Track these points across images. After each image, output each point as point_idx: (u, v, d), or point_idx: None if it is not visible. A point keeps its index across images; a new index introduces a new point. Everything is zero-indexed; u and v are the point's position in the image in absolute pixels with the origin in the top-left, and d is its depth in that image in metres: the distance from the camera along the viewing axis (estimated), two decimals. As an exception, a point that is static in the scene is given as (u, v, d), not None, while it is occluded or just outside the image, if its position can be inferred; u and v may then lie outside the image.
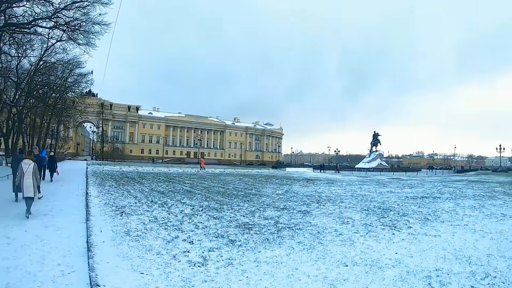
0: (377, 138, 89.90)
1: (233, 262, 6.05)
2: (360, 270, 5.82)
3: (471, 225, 10.10)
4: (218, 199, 14.80)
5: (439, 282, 5.32)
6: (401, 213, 12.00)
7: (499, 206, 14.40)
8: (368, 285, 5.18)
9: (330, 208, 12.83)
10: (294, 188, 21.93)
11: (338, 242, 7.74)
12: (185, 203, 13.12)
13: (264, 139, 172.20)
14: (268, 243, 7.45)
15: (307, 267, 5.90)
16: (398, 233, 8.86)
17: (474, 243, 7.87)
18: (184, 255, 6.39)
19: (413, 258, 6.64)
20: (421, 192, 20.52)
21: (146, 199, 13.99)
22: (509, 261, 6.56)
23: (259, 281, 5.16)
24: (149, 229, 8.49)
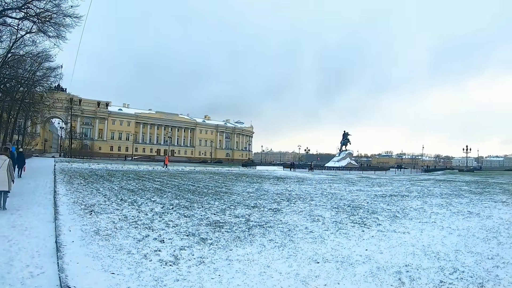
0: (347, 138, 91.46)
1: (205, 260, 6.03)
2: (331, 267, 5.92)
3: (439, 222, 10.43)
4: (188, 197, 14.72)
5: (409, 277, 5.48)
6: (371, 211, 12.26)
7: (465, 204, 14.87)
8: (339, 281, 5.28)
9: (300, 206, 12.97)
10: (264, 186, 22.05)
11: (309, 240, 7.84)
12: (155, 202, 12.99)
13: (234, 137, 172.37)
14: (239, 241, 7.47)
15: (279, 265, 5.95)
16: (368, 230, 9.06)
17: (442, 240, 8.14)
18: (155, 254, 6.32)
19: (383, 254, 6.81)
20: (390, 191, 21.03)
21: (115, 197, 13.76)
22: (476, 256, 6.82)
23: (231, 279, 5.17)
24: (119, 228, 8.35)
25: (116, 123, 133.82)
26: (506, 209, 13.50)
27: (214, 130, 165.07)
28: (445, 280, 5.39)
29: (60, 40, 29.23)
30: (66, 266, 5.44)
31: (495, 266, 6.19)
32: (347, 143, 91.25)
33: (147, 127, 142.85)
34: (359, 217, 10.91)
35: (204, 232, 8.21)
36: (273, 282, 5.13)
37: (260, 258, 6.31)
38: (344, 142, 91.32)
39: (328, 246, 7.35)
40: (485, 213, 12.25)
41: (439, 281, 5.35)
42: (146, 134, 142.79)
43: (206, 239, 7.54)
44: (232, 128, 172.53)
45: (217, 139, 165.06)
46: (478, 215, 11.91)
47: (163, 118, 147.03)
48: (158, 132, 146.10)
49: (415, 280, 5.39)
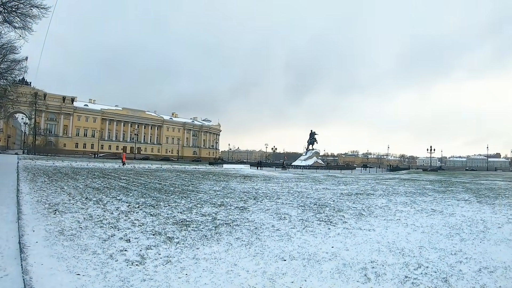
0: (314, 137, 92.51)
1: (172, 259, 6.00)
2: (298, 264, 6.00)
3: (403, 219, 10.72)
4: (155, 195, 14.54)
5: (374, 273, 5.62)
6: (337, 209, 12.46)
7: (429, 202, 15.34)
8: (306, 278, 5.36)
9: (267, 204, 13.04)
10: (231, 184, 22.04)
11: (275, 238, 7.90)
12: (121, 200, 12.77)
13: (201, 135, 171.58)
14: (206, 240, 7.45)
15: (246, 263, 5.98)
16: (334, 228, 9.19)
17: (407, 236, 8.38)
18: (121, 254, 6.22)
19: (349, 251, 6.94)
20: (356, 189, 21.42)
21: (80, 196, 13.42)
22: (439, 252, 7.06)
23: (198, 278, 5.16)
24: (84, 227, 8.17)
25: (82, 119, 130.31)
26: (469, 207, 13.99)
27: (182, 128, 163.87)
28: (410, 276, 5.56)
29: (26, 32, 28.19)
30: (30, 267, 5.29)
31: (458, 262, 6.42)
32: (314, 142, 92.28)
33: (113, 123, 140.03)
34: (325, 215, 11.05)
35: (171, 231, 8.15)
36: (240, 280, 5.15)
37: (227, 256, 6.32)
38: (311, 141, 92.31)
39: (295, 243, 7.42)
40: (448, 211, 12.67)
41: (404, 277, 5.51)
42: (112, 131, 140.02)
43: (173, 238, 7.49)
44: (199, 126, 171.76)
45: (184, 137, 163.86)
46: (441, 212, 12.30)
47: (130, 115, 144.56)
48: (125, 129, 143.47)
49: (380, 276, 5.53)
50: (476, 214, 12.05)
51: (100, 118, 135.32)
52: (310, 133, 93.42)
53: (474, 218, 11.21)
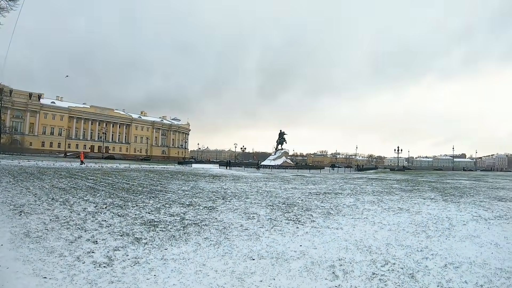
0: (283, 137, 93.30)
1: (140, 260, 5.95)
2: (267, 263, 6.04)
3: (371, 218, 10.92)
4: (122, 196, 14.32)
5: (342, 271, 5.72)
6: (305, 208, 12.57)
7: (396, 201, 15.67)
8: (275, 276, 5.41)
9: (236, 204, 13.04)
10: (200, 184, 21.91)
11: (244, 237, 7.93)
12: (88, 201, 12.54)
13: (170, 135, 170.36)
14: (174, 240, 7.42)
15: (214, 262, 5.99)
16: (302, 226, 9.29)
17: (374, 234, 8.55)
18: (88, 255, 6.13)
19: (317, 249, 7.03)
20: (324, 188, 21.62)
21: (46, 196, 13.12)
22: (406, 249, 7.24)
23: (167, 279, 5.15)
24: (50, 229, 7.99)
25: (49, 117, 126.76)
26: (434, 205, 14.37)
27: (150, 127, 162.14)
28: (377, 272, 5.69)
29: (-7, 25, 27.19)
30: (-5, 271, 5.15)
31: (424, 258, 6.60)
32: (283, 142, 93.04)
33: (81, 122, 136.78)
34: (293, 214, 11.14)
35: (139, 232, 8.07)
36: (209, 280, 5.16)
37: (195, 256, 6.31)
38: (280, 141, 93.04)
39: (263, 243, 7.47)
40: (414, 209, 12.98)
41: (372, 273, 5.63)
42: (80, 129, 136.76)
43: (141, 239, 7.42)
44: (168, 125, 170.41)
45: (153, 136, 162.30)
46: (408, 211, 12.59)
47: (98, 113, 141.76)
48: (93, 128, 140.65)
49: (348, 273, 5.63)
50: (442, 212, 12.40)
51: (67, 116, 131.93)
52: (279, 133, 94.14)
53: (440, 216, 11.54)
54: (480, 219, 11.11)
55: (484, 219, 11.22)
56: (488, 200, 16.69)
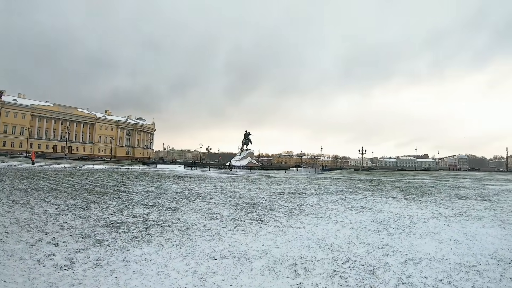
0: (248, 138, 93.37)
1: (101, 262, 5.88)
2: (229, 263, 6.07)
3: (333, 217, 11.10)
4: (85, 197, 14.02)
5: (304, 269, 5.79)
6: (269, 208, 12.65)
7: (359, 200, 15.98)
8: (236, 276, 5.44)
9: (199, 205, 13.00)
10: (164, 185, 21.72)
11: (207, 237, 7.92)
12: (50, 202, 12.24)
13: (135, 134, 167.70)
14: (137, 241, 7.36)
15: (176, 263, 5.98)
16: (265, 226, 9.34)
17: (336, 233, 8.69)
18: (49, 258, 6.00)
19: (279, 248, 7.09)
20: (288, 189, 21.81)
21: (6, 198, 12.73)
22: (367, 246, 7.40)
23: (128, 281, 5.11)
24: (10, 232, 7.77)
25: (10, 116, 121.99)
26: (396, 204, 14.76)
27: (115, 126, 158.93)
28: (338, 270, 5.78)
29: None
30: (-46, 277, 4.98)
31: (385, 255, 6.77)
32: (248, 142, 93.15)
33: (43, 121, 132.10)
34: (256, 214, 11.20)
35: (101, 234, 7.95)
36: (170, 281, 5.15)
37: (157, 257, 6.28)
38: (246, 142, 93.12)
39: (226, 242, 7.49)
40: (376, 208, 13.29)
41: (333, 271, 5.72)
42: (42, 128, 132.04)
43: (103, 241, 7.32)
44: (133, 125, 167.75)
45: (117, 136, 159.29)
46: (370, 209, 12.87)
47: (62, 112, 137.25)
48: (56, 127, 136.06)
49: (309, 271, 5.71)
50: (403, 210, 12.75)
51: (29, 115, 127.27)
52: (244, 133, 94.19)
53: (401, 214, 11.85)
54: (441, 217, 11.47)
55: (444, 216, 11.59)
56: (448, 199, 17.26)
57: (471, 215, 12.04)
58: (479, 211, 13.08)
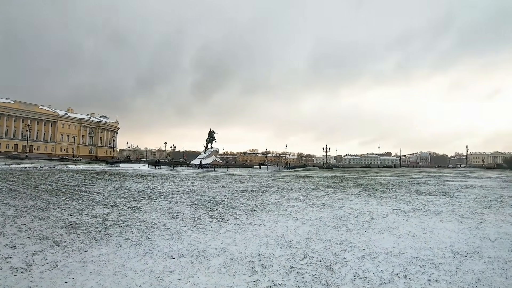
0: (213, 136, 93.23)
1: (59, 264, 5.84)
2: (187, 261, 6.08)
3: (294, 214, 11.23)
4: (45, 198, 13.67)
5: (261, 266, 5.86)
6: (230, 206, 12.68)
7: (320, 197, 16.18)
8: (193, 274, 5.47)
9: (160, 204, 12.91)
10: (126, 184, 21.40)
11: (166, 236, 7.92)
12: (8, 204, 11.91)
13: (99, 133, 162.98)
14: (95, 242, 7.30)
15: (134, 263, 5.98)
16: (225, 224, 9.39)
17: (295, 230, 8.80)
18: (6, 261, 5.92)
19: (238, 246, 7.15)
20: (251, 186, 21.89)
21: None
22: (326, 242, 7.54)
23: (85, 281, 5.11)
24: None
25: None
26: (357, 200, 15.04)
27: (78, 125, 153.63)
28: (296, 266, 5.87)
29: None
30: None
31: (343, 250, 6.90)
32: (213, 140, 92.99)
33: (3, 118, 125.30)
34: (217, 212, 11.21)
35: (59, 235, 7.83)
36: (127, 281, 5.15)
37: (115, 257, 6.27)
38: (210, 140, 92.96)
39: (185, 241, 7.50)
40: (337, 204, 13.49)
41: (290, 267, 5.80)
42: (2, 127, 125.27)
43: (61, 242, 7.22)
44: (96, 123, 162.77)
45: (80, 134, 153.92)
46: (331, 206, 13.06)
47: (22, 109, 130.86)
48: (16, 125, 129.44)
49: (267, 268, 5.77)
50: (364, 207, 13.00)
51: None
52: (209, 132, 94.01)
53: (361, 210, 12.08)
54: (400, 212, 11.76)
55: (404, 212, 11.89)
56: (409, 195, 17.68)
57: (430, 210, 12.39)
58: (438, 206, 13.46)
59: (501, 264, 6.22)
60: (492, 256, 6.68)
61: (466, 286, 5.17)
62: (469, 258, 6.53)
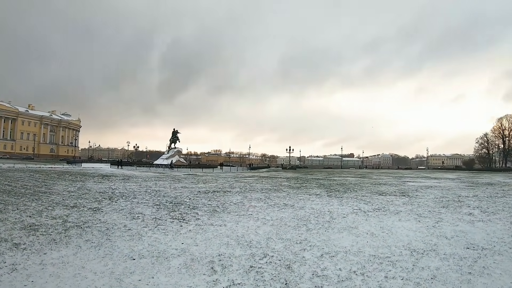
0: (177, 136, 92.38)
1: (17, 267, 5.75)
2: (147, 262, 6.10)
3: (255, 214, 11.36)
4: (3, 199, 13.21)
5: (221, 266, 5.94)
6: (192, 207, 12.68)
7: (282, 197, 16.36)
8: (154, 275, 5.49)
9: (122, 204, 12.79)
10: (87, 184, 20.97)
11: (126, 237, 7.89)
12: (-35, 206, 11.46)
13: (60, 131, 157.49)
14: (55, 244, 7.19)
15: (94, 265, 5.95)
16: (186, 225, 9.41)
17: (256, 230, 8.94)
18: None
19: (198, 246, 7.21)
20: (214, 187, 21.88)
21: None
22: (285, 242, 7.69)
23: (44, 284, 5.07)
24: None
25: None
26: (318, 200, 15.29)
27: (38, 122, 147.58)
28: (255, 265, 5.99)
29: None
30: None
31: (302, 249, 7.06)
32: (176, 140, 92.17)
33: None
34: (179, 213, 11.21)
35: (18, 237, 7.66)
36: (87, 283, 5.14)
37: (75, 259, 6.21)
38: (174, 140, 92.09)
39: (145, 242, 7.50)
40: (299, 205, 13.71)
41: (249, 266, 5.90)
42: None
43: (20, 244, 7.08)
44: (58, 121, 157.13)
45: (41, 133, 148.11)
46: (292, 206, 13.26)
47: None
48: None
49: (227, 267, 5.85)
50: (325, 207, 13.25)
51: None
52: (172, 131, 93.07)
53: (322, 210, 12.32)
54: (360, 212, 12.08)
55: (363, 211, 12.21)
56: (369, 195, 18.12)
57: (389, 210, 12.76)
58: (397, 206, 13.88)
59: (456, 260, 6.51)
60: (448, 253, 6.98)
61: (422, 282, 5.39)
62: (425, 256, 6.81)
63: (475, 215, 11.78)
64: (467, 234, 8.87)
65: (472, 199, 16.63)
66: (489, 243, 7.96)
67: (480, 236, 8.67)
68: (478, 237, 8.50)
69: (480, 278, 5.62)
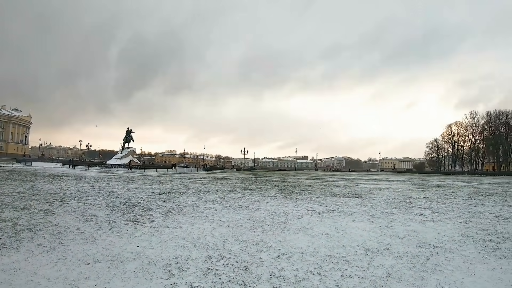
0: (130, 135, 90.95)
1: None
2: (102, 267, 5.95)
3: (211, 216, 11.35)
4: None
5: (178, 268, 5.89)
6: (146, 208, 12.52)
7: (237, 199, 16.44)
8: (109, 280, 5.37)
9: (74, 206, 12.41)
10: (38, 185, 20.23)
11: (80, 241, 7.66)
12: None
13: (9, 128, 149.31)
14: (5, 249, 6.86)
15: (46, 270, 5.74)
16: (141, 227, 9.26)
17: (212, 231, 8.93)
18: None
19: (154, 249, 7.11)
20: (168, 188, 21.68)
21: None
22: (242, 243, 7.74)
23: None
24: None
25: None
26: (273, 202, 15.47)
27: None
28: (212, 267, 5.98)
29: None
30: None
31: (259, 251, 7.13)
32: (130, 140, 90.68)
33: None
34: (133, 215, 11.03)
35: None
36: None
37: (27, 265, 5.96)
38: (127, 140, 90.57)
39: (99, 246, 7.32)
40: (254, 206, 13.82)
41: (207, 269, 5.89)
42: None
43: None
44: (7, 116, 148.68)
45: None
46: (247, 208, 13.35)
47: None
48: None
49: (184, 270, 5.82)
50: (280, 208, 13.41)
51: None
52: (126, 131, 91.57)
53: (277, 212, 12.46)
54: (314, 213, 12.30)
55: (318, 213, 12.44)
56: (323, 196, 18.49)
57: (343, 211, 13.07)
58: (351, 207, 14.23)
59: (409, 258, 6.76)
60: (401, 252, 7.24)
61: (377, 280, 5.56)
62: (380, 254, 7.03)
63: (426, 216, 12.26)
64: (419, 233, 9.23)
65: (423, 201, 17.33)
66: (440, 241, 8.32)
67: (432, 235, 9.04)
68: (430, 236, 8.87)
69: (433, 274, 5.87)
